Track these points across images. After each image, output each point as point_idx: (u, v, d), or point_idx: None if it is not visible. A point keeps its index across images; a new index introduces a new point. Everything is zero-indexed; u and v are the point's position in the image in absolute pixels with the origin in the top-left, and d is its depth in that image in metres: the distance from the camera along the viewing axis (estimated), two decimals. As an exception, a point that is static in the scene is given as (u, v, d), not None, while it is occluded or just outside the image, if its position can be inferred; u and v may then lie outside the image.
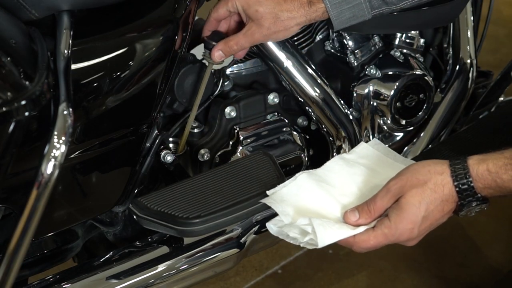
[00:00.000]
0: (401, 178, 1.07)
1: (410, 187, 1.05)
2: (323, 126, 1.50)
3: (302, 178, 1.18)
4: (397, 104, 1.56)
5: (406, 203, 1.05)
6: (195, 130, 1.45)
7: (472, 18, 1.73)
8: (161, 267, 1.31)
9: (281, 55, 1.42)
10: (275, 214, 1.45)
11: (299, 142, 1.50)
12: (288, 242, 2.11)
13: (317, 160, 1.56)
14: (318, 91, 1.46)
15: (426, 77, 1.58)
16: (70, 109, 1.04)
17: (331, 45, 1.56)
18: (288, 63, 1.43)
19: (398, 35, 1.61)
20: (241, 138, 1.45)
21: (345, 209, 1.11)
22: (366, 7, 1.26)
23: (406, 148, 1.67)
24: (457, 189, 1.04)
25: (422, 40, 1.64)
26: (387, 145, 1.26)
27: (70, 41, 1.08)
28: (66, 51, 1.07)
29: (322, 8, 1.26)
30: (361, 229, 1.08)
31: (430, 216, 1.05)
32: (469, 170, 1.03)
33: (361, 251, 1.10)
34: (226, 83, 1.47)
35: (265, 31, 1.27)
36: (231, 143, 1.45)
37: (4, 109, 0.91)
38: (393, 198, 1.07)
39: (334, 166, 1.21)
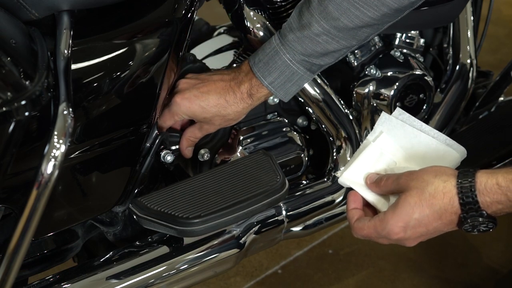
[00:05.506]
0: (412, 173, 1.06)
1: (413, 186, 1.04)
2: (323, 126, 1.50)
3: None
4: (397, 104, 1.56)
5: (403, 200, 1.04)
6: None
7: (472, 18, 1.73)
8: (161, 267, 1.31)
9: (281, 55, 1.42)
10: (272, 215, 1.46)
11: (299, 142, 1.50)
12: (288, 242, 2.11)
13: (317, 160, 1.57)
14: (318, 91, 1.46)
15: (426, 77, 1.58)
16: (70, 109, 1.04)
17: (331, 45, 1.56)
18: (288, 63, 1.43)
19: (398, 35, 1.61)
20: (241, 138, 1.45)
21: None
22: (308, 75, 1.29)
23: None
24: (461, 201, 1.01)
25: (422, 40, 1.64)
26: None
27: (70, 41, 1.08)
28: (66, 51, 1.07)
29: (265, 93, 1.30)
30: (370, 195, 1.13)
31: (425, 221, 1.03)
32: (476, 184, 1.00)
33: (357, 237, 1.11)
34: (226, 83, 1.47)
35: (217, 127, 1.35)
36: (231, 143, 1.45)
37: (4, 109, 0.91)
38: (397, 186, 1.07)
39: (373, 152, 1.18)
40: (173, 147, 1.37)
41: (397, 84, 1.55)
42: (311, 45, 1.24)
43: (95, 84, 1.14)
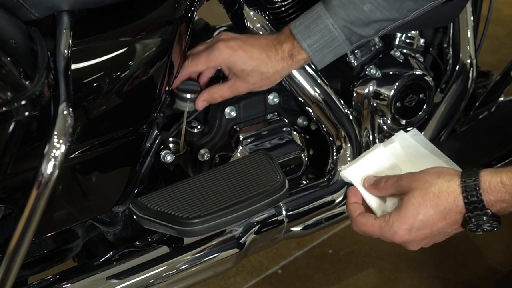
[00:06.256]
0: (414, 174, 1.06)
1: (416, 187, 1.04)
2: (323, 126, 1.50)
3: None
4: (397, 104, 1.56)
5: (406, 202, 1.04)
6: (195, 130, 1.45)
7: (472, 18, 1.73)
8: (161, 267, 1.31)
9: (281, 55, 1.42)
10: (272, 215, 1.46)
11: (299, 142, 1.50)
12: (288, 242, 2.11)
13: (317, 160, 1.57)
14: (318, 91, 1.46)
15: (426, 77, 1.58)
16: (70, 109, 1.04)
17: (331, 45, 1.56)
18: (288, 63, 1.43)
19: (398, 35, 1.61)
20: (241, 138, 1.45)
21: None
22: (347, 44, 1.30)
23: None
24: (466, 200, 1.01)
25: (422, 40, 1.64)
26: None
27: (70, 41, 1.08)
28: (66, 51, 1.07)
29: (304, 57, 1.31)
30: (368, 195, 1.12)
31: (430, 222, 1.03)
32: (480, 182, 1.00)
33: (357, 231, 1.11)
34: (226, 83, 1.47)
35: (251, 86, 1.32)
36: (231, 143, 1.45)
37: (4, 109, 0.91)
38: (398, 188, 1.07)
39: (380, 155, 1.20)
40: (189, 95, 1.32)
41: (397, 84, 1.55)
42: (355, 12, 1.26)
43: (95, 84, 1.14)
